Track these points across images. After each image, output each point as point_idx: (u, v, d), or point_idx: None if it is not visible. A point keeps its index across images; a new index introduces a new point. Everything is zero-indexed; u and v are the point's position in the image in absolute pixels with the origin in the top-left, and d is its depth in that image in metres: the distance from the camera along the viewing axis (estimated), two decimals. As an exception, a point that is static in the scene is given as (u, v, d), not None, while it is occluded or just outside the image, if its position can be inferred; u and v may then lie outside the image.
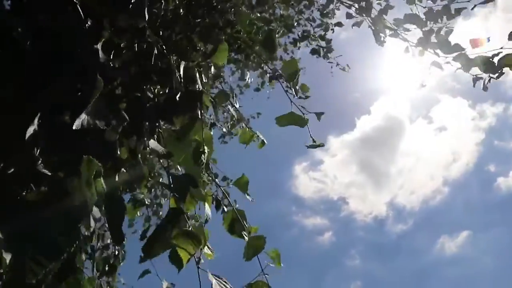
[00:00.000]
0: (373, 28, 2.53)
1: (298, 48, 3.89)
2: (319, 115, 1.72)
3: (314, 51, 3.78)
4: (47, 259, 0.59)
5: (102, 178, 0.72)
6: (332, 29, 3.70)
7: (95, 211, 0.72)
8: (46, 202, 0.64)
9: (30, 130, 0.68)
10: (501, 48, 1.82)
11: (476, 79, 1.96)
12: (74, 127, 0.67)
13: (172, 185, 1.16)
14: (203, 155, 1.46)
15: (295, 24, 3.60)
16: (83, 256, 1.84)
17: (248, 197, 1.72)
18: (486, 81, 1.93)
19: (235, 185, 1.90)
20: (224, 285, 1.10)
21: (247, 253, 1.47)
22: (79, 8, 0.94)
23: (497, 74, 1.87)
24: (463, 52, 1.92)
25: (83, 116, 0.69)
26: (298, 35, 3.78)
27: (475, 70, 1.95)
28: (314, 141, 1.71)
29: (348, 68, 3.79)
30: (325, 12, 3.56)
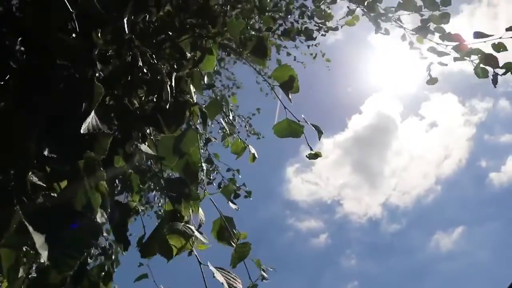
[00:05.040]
0: (368, 16, 2.50)
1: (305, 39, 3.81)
2: (319, 132, 1.67)
3: (308, 35, 3.70)
4: (77, 252, 0.62)
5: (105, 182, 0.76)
6: (329, 7, 3.65)
7: (99, 215, 0.75)
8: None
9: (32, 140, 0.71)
10: (500, 37, 1.87)
11: (495, 75, 1.92)
12: (82, 131, 0.70)
13: (166, 188, 1.19)
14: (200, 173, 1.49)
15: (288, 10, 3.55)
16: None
17: (232, 205, 1.75)
18: (493, 77, 1.92)
19: (222, 193, 1.93)
20: (227, 275, 1.13)
21: (233, 260, 1.50)
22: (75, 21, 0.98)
23: (495, 79, 1.90)
24: (463, 42, 1.94)
25: (89, 120, 0.73)
26: (294, 19, 3.75)
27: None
28: (311, 149, 1.69)
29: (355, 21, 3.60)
30: None
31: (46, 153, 0.70)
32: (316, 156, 1.66)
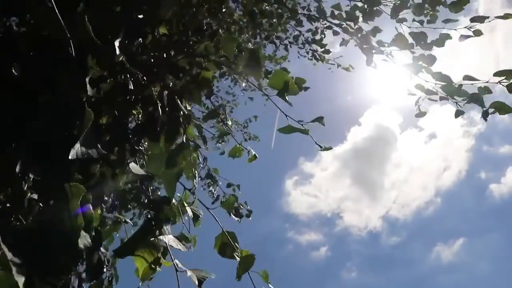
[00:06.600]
0: (361, 48, 2.53)
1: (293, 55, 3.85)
2: (320, 120, 1.73)
3: (313, 56, 3.77)
4: (55, 277, 0.62)
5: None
6: (324, 34, 3.75)
7: (84, 235, 0.77)
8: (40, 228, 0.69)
9: (20, 164, 0.74)
10: (487, 81, 1.95)
11: (459, 112, 2.06)
12: (70, 157, 0.72)
13: (149, 205, 1.22)
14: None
15: (283, 29, 3.60)
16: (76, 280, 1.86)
17: (234, 217, 1.77)
18: (482, 113, 1.98)
19: (222, 207, 1.95)
20: (200, 273, 1.16)
21: (238, 272, 1.52)
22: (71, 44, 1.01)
23: (485, 115, 1.96)
24: (452, 83, 2.00)
25: (77, 146, 0.75)
26: (288, 41, 3.80)
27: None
28: (320, 146, 1.77)
29: (351, 68, 3.66)
30: (312, 15, 3.57)
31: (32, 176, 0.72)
32: (327, 149, 1.75)
